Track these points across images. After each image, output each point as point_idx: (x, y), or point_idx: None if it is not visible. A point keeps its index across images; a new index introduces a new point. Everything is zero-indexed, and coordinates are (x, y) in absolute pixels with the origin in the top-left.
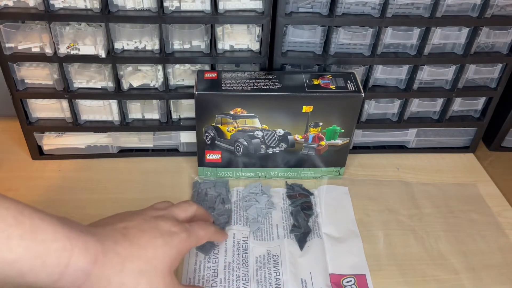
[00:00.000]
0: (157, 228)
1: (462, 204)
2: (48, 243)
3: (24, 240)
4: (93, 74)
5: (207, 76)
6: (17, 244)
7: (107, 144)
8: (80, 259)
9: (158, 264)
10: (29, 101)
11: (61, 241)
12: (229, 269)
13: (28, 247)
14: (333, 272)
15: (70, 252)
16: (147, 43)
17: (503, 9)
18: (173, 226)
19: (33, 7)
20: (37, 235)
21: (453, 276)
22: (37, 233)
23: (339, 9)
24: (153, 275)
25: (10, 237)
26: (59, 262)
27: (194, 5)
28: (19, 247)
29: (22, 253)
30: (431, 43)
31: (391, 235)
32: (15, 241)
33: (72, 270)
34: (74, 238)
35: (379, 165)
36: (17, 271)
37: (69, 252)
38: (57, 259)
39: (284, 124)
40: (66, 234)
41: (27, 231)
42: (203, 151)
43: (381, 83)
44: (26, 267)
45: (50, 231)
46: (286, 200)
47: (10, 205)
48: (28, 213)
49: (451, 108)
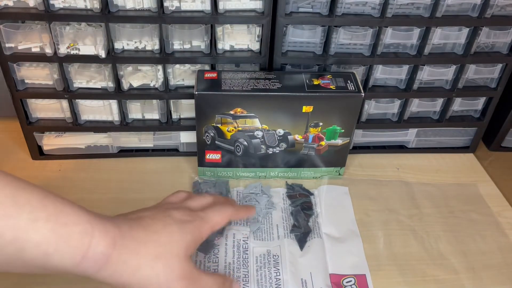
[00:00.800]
0: (170, 216)
1: (462, 204)
2: (71, 226)
3: (49, 222)
4: (93, 74)
5: (207, 76)
6: (43, 226)
7: (107, 144)
8: (100, 242)
9: (173, 248)
10: (29, 101)
11: (83, 224)
12: (229, 269)
13: (53, 229)
14: (333, 272)
15: (91, 235)
16: (147, 43)
17: (503, 9)
18: (186, 215)
19: (33, 7)
20: (60, 218)
21: (453, 276)
22: (61, 216)
23: (339, 9)
24: (169, 258)
25: (37, 219)
26: (81, 244)
27: (194, 5)
28: (45, 229)
29: (47, 235)
30: (431, 43)
31: (391, 235)
32: (41, 223)
33: (93, 253)
34: (94, 222)
35: (379, 165)
36: (43, 253)
37: (90, 235)
38: (80, 241)
39: (284, 124)
40: (87, 218)
41: (51, 214)
42: (203, 151)
43: (381, 83)
44: (51, 249)
45: (72, 214)
46: (286, 200)
47: (34, 189)
48: (51, 197)
49: (451, 108)
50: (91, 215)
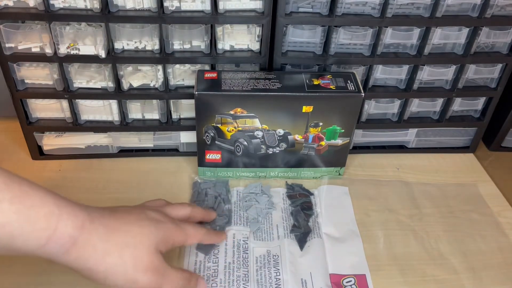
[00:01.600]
0: (145, 214)
1: (462, 204)
2: (37, 208)
3: (14, 204)
4: (93, 74)
5: (207, 76)
6: (7, 207)
7: (107, 144)
8: (68, 224)
9: (143, 239)
10: (29, 101)
11: (49, 206)
12: (229, 269)
13: (18, 210)
14: (333, 272)
15: (58, 217)
16: (147, 43)
17: (503, 9)
18: (161, 217)
19: (33, 7)
20: (26, 200)
21: (453, 276)
22: (26, 198)
23: (339, 9)
24: (139, 249)
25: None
26: (47, 226)
27: (194, 5)
28: (9, 211)
29: (12, 217)
30: (431, 43)
31: (391, 235)
32: (5, 205)
33: (60, 234)
34: (62, 205)
35: (379, 165)
36: (7, 234)
37: (57, 217)
38: (46, 223)
39: (284, 124)
40: (54, 201)
41: (16, 196)
42: (203, 151)
43: (381, 83)
44: (16, 230)
45: (38, 197)
46: (286, 200)
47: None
48: (17, 179)
49: (451, 108)
50: (59, 199)
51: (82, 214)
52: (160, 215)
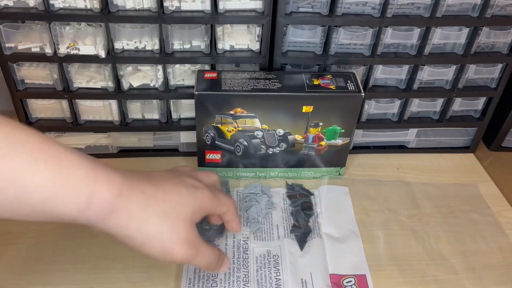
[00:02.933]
0: (182, 181)
1: (462, 204)
2: (72, 170)
3: (49, 165)
4: (93, 74)
5: (207, 76)
6: (43, 168)
7: (107, 144)
8: (104, 189)
9: (181, 210)
10: (29, 101)
11: (85, 170)
12: (230, 269)
13: (53, 171)
14: (333, 272)
15: (94, 181)
16: (147, 43)
17: (503, 9)
18: (197, 183)
19: (33, 7)
20: (61, 161)
21: (453, 276)
22: (62, 160)
23: (339, 9)
24: (176, 219)
25: (36, 160)
26: (84, 190)
27: (194, 5)
28: (45, 171)
29: (47, 178)
30: (431, 43)
31: (391, 235)
32: (40, 165)
33: (97, 200)
34: (98, 170)
35: (379, 165)
36: (43, 197)
37: (93, 181)
38: (82, 187)
39: (284, 124)
40: (89, 165)
41: (51, 156)
42: (203, 151)
43: (381, 83)
44: (52, 193)
45: (74, 159)
46: (286, 200)
47: (32, 131)
48: (52, 141)
49: (451, 108)
50: (95, 163)
51: (119, 180)
52: (196, 180)
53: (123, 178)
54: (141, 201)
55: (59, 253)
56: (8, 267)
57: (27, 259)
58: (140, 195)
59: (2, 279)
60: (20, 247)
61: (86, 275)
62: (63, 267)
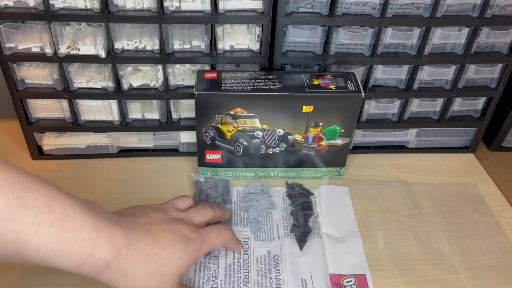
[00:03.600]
0: (178, 232)
1: (462, 204)
2: (75, 232)
3: (53, 228)
4: (93, 74)
5: (207, 76)
6: (47, 231)
7: (107, 144)
8: (103, 250)
9: (173, 268)
10: (29, 101)
11: (88, 231)
12: (230, 270)
13: (57, 234)
14: (333, 272)
15: (95, 242)
16: (147, 43)
17: (503, 9)
18: (191, 232)
19: (33, 7)
20: (66, 223)
21: (453, 276)
22: (67, 222)
23: (339, 9)
24: (166, 278)
25: (41, 223)
26: (83, 250)
27: (194, 5)
28: (48, 234)
29: (50, 240)
30: (431, 43)
31: (391, 235)
32: (45, 228)
33: (94, 259)
34: (101, 229)
35: (379, 165)
36: (42, 255)
37: (94, 242)
38: (82, 248)
39: (284, 124)
40: (94, 224)
41: (57, 219)
42: (203, 151)
43: (381, 83)
44: (51, 253)
45: (79, 220)
46: (286, 199)
47: (45, 191)
48: (61, 199)
49: (451, 108)
50: (100, 220)
51: (119, 238)
52: (190, 228)
53: (123, 235)
54: (136, 258)
55: None
56: (8, 267)
57: None
58: (136, 253)
59: (2, 279)
60: None
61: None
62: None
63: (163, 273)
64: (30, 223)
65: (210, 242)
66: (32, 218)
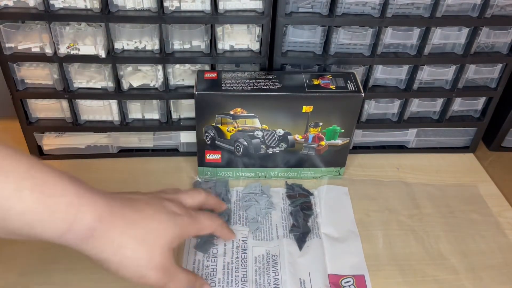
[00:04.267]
0: (163, 206)
1: (462, 204)
2: (56, 198)
3: (34, 193)
4: (93, 74)
5: (207, 76)
6: (28, 196)
7: (107, 144)
8: (86, 216)
9: (159, 236)
10: (29, 101)
11: (69, 196)
12: (228, 269)
13: (38, 199)
14: (331, 272)
15: (77, 208)
16: (147, 43)
17: (503, 9)
18: (178, 209)
19: (33, 7)
20: (46, 189)
21: (453, 276)
22: (47, 187)
23: (339, 9)
24: (153, 246)
25: (21, 188)
26: (66, 217)
27: (194, 5)
28: (29, 199)
29: (31, 205)
30: (431, 43)
31: (391, 235)
32: (25, 193)
33: (78, 226)
34: (82, 196)
35: (379, 165)
36: (25, 223)
37: (76, 208)
38: (65, 214)
39: (284, 124)
40: (75, 190)
41: (37, 184)
42: (203, 151)
43: (381, 83)
44: (34, 219)
45: (59, 186)
46: (285, 200)
47: (22, 157)
48: (40, 167)
49: (451, 108)
50: (81, 188)
51: (102, 205)
52: (177, 206)
53: (106, 202)
54: (120, 225)
55: (59, 253)
56: (8, 267)
57: (27, 259)
58: (120, 220)
59: (2, 279)
60: (20, 247)
61: (86, 275)
62: (63, 267)
63: (151, 243)
64: (11, 188)
65: (200, 222)
66: (13, 183)
